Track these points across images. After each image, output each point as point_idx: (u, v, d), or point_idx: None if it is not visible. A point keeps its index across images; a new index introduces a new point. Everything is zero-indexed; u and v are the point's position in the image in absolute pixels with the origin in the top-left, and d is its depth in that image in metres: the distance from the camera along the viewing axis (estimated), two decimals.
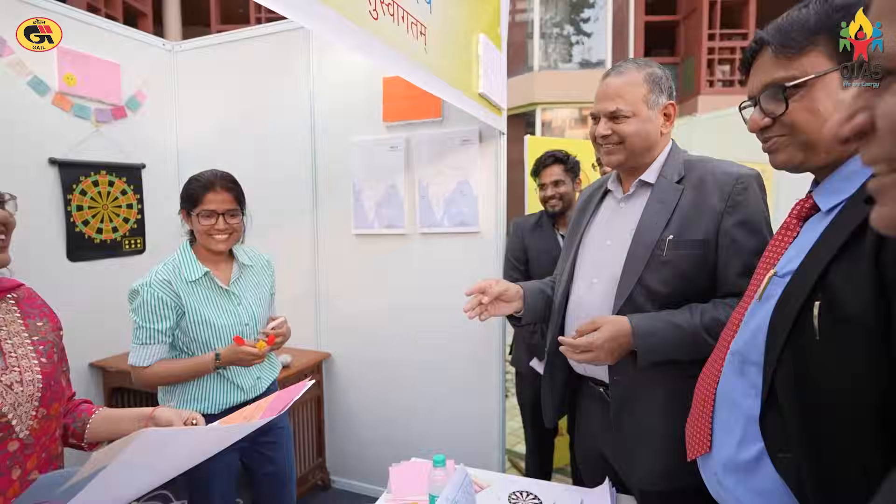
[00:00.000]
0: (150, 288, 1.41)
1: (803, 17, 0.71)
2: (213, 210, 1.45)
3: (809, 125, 0.72)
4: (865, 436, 0.62)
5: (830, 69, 0.69)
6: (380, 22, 1.10)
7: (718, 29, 9.91)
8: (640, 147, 1.18)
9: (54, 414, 0.92)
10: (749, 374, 0.77)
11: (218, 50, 2.64)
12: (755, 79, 0.78)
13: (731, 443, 0.78)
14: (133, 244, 2.56)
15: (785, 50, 0.72)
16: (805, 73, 0.71)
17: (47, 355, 0.93)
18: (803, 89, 0.72)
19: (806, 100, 0.72)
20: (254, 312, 1.57)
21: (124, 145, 2.48)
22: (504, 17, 1.93)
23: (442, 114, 2.15)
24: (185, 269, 1.47)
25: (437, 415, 2.30)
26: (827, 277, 0.65)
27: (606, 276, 1.19)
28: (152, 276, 1.43)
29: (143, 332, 1.41)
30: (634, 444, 1.16)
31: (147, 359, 1.42)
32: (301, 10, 0.88)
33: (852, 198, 0.68)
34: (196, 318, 1.45)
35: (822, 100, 0.70)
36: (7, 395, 0.84)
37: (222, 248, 1.50)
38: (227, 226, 1.48)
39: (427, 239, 2.25)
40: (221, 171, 1.52)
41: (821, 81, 0.70)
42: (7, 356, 0.87)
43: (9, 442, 0.84)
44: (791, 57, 0.72)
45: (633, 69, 1.19)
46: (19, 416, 0.85)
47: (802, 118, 0.72)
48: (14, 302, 0.93)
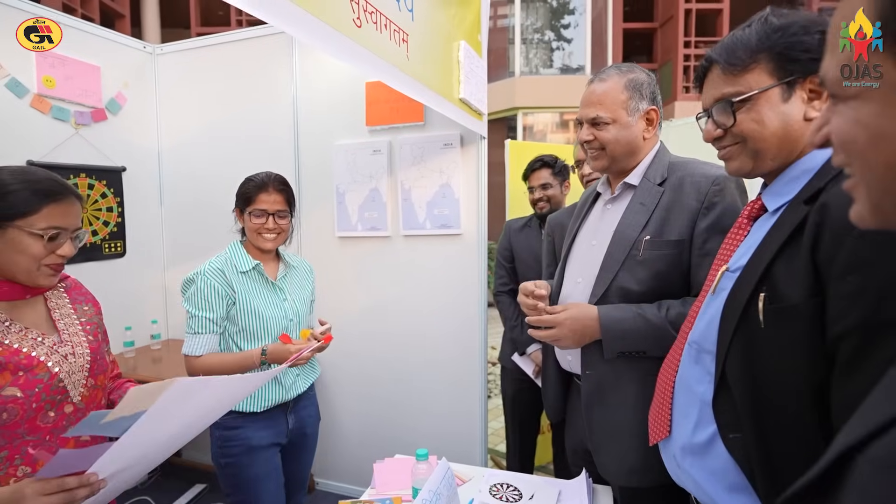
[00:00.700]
0: (204, 276, 1.47)
1: (746, 37, 0.78)
2: (264, 210, 1.53)
3: (756, 134, 0.79)
4: (805, 417, 0.68)
5: (771, 85, 0.76)
6: (363, 29, 1.13)
7: (694, 37, 10.17)
8: (620, 152, 1.22)
9: (100, 385, 1.10)
10: (704, 361, 0.83)
11: (200, 53, 2.64)
12: (707, 93, 0.85)
13: (688, 426, 0.84)
14: (113, 247, 2.54)
15: (731, 68, 0.79)
16: (750, 88, 0.78)
17: (93, 334, 1.11)
18: (749, 103, 0.79)
19: (752, 112, 0.79)
20: (297, 310, 1.63)
21: (104, 148, 2.47)
22: (484, 24, 1.99)
23: (424, 118, 2.19)
24: (236, 260, 1.54)
25: (420, 415, 2.33)
26: (770, 271, 0.72)
27: (589, 275, 1.24)
28: (206, 266, 1.50)
29: (196, 321, 1.46)
30: (605, 438, 1.20)
31: (199, 348, 1.47)
32: (285, 18, 0.91)
33: (794, 199, 0.75)
34: (246, 307, 1.50)
35: (767, 112, 0.78)
36: (63, 365, 1.01)
37: (270, 247, 1.56)
38: (277, 226, 1.55)
39: (410, 241, 2.28)
40: (275, 174, 1.60)
41: (764, 96, 0.78)
42: (62, 333, 1.05)
43: (65, 404, 1.01)
44: (737, 74, 0.79)
45: (615, 75, 1.22)
46: (73, 383, 1.02)
47: (750, 128, 0.79)
48: (64, 290, 1.12)
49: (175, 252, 2.79)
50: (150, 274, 2.75)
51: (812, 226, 0.67)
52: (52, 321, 1.05)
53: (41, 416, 0.97)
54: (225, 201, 2.63)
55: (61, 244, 1.00)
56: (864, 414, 0.38)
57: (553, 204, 2.16)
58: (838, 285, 0.63)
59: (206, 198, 2.68)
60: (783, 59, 0.75)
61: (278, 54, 2.45)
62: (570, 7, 10.24)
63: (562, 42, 10.33)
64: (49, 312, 1.06)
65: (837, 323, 0.63)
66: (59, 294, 1.11)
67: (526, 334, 2.06)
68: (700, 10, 10.16)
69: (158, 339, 2.68)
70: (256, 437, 1.52)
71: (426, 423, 2.32)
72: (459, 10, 1.74)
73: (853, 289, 0.62)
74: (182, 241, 2.77)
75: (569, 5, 10.25)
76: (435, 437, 2.28)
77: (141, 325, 2.64)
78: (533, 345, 2.07)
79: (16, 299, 1.00)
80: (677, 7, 10.04)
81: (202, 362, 1.47)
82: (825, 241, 0.65)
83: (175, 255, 2.79)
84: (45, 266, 0.99)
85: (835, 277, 0.64)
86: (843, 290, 0.63)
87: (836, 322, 0.64)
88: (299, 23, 0.94)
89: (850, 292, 0.62)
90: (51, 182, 1.00)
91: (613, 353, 1.15)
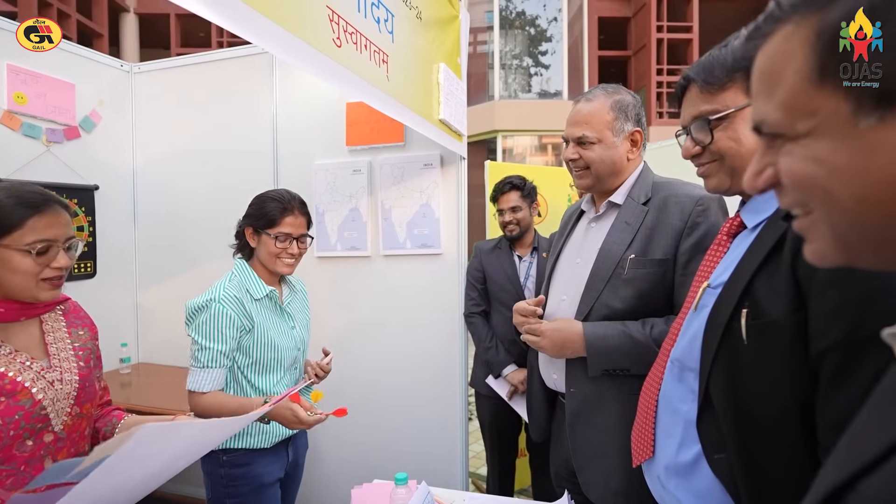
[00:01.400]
0: (219, 304, 1.34)
1: (722, 56, 0.80)
2: (288, 234, 1.42)
3: (733, 151, 0.80)
4: (790, 435, 0.67)
5: (747, 103, 0.78)
6: (343, 49, 1.14)
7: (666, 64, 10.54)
8: (605, 172, 1.23)
9: (86, 413, 1.05)
10: (687, 379, 0.83)
11: (178, 72, 2.63)
12: (685, 111, 0.86)
13: (672, 446, 0.83)
14: (83, 268, 2.46)
15: (708, 86, 0.81)
16: (726, 106, 0.80)
17: (85, 360, 1.07)
18: (726, 121, 0.80)
19: (729, 130, 0.80)
20: (303, 337, 1.56)
21: (77, 166, 2.41)
22: (464, 48, 2.03)
23: (404, 138, 2.20)
24: (251, 286, 1.43)
25: (399, 437, 2.28)
26: (752, 287, 0.72)
27: (573, 293, 1.24)
28: (220, 292, 1.36)
29: (205, 353, 1.33)
30: (590, 457, 1.19)
31: (207, 384, 1.35)
32: (266, 36, 0.91)
33: (772, 216, 0.76)
34: (263, 338, 1.41)
35: (743, 129, 0.79)
36: (48, 391, 0.96)
37: (287, 272, 1.47)
38: (298, 251, 1.46)
39: (390, 261, 2.27)
40: (295, 193, 1.50)
41: (740, 114, 0.79)
42: (52, 358, 1.01)
43: (45, 433, 0.96)
44: (713, 92, 0.81)
45: (601, 96, 1.24)
46: (57, 411, 0.97)
47: (727, 146, 0.81)
48: (62, 313, 1.08)
49: (149, 273, 2.72)
50: (120, 295, 2.66)
51: (791, 241, 0.67)
52: (44, 345, 1.02)
53: (18, 444, 0.92)
54: (201, 222, 2.61)
55: (53, 257, 0.95)
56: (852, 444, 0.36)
57: (522, 227, 2.16)
58: (818, 301, 0.63)
59: (181, 218, 2.63)
60: None
61: (258, 74, 2.45)
62: (547, 35, 10.55)
63: (539, 68, 10.61)
64: (43, 335, 1.02)
65: (819, 339, 0.63)
66: (56, 317, 1.07)
67: (500, 356, 2.06)
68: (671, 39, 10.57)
69: (128, 362, 2.59)
70: (266, 473, 1.44)
71: (405, 446, 2.27)
72: (439, 34, 1.78)
73: (833, 304, 0.62)
74: (156, 261, 2.70)
75: (546, 33, 10.56)
76: (414, 461, 2.23)
77: (110, 349, 2.55)
78: (508, 366, 2.05)
79: (10, 321, 0.96)
80: (649, 36, 10.43)
81: (205, 401, 1.35)
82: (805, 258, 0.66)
83: (148, 276, 2.72)
84: (43, 281, 0.95)
85: (815, 293, 0.64)
86: (823, 306, 0.63)
87: (817, 338, 0.63)
88: (279, 42, 0.95)
89: (829, 308, 0.62)
90: (31, 194, 0.95)
91: (598, 371, 1.15)
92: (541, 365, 1.34)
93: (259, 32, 0.89)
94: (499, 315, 2.12)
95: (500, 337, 2.11)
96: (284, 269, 1.46)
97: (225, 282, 1.41)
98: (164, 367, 2.67)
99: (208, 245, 2.57)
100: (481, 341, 2.11)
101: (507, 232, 2.16)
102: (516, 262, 2.17)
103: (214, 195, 2.55)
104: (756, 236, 0.77)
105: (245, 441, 1.42)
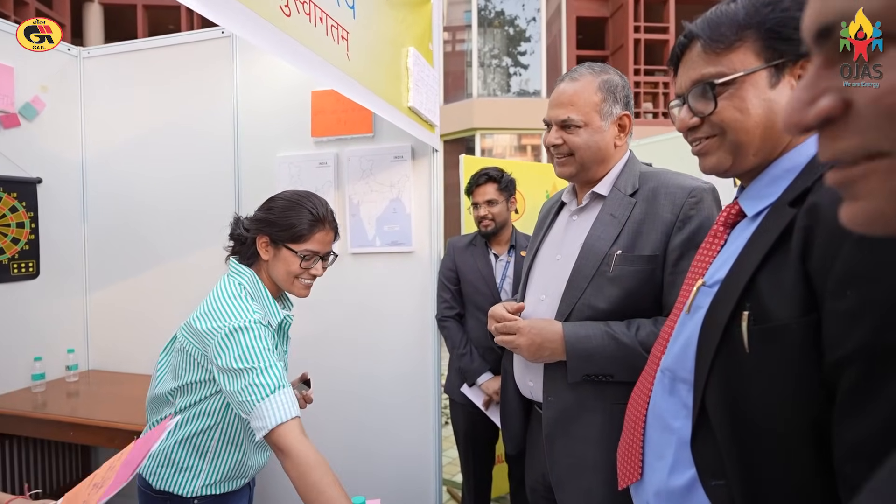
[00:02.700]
0: (256, 326, 1.08)
1: (732, 11, 0.68)
2: (316, 252, 1.19)
3: (738, 125, 0.68)
4: (801, 461, 0.57)
5: (759, 67, 0.67)
6: (292, 19, 1.01)
7: (643, 65, 10.62)
8: (590, 159, 1.12)
9: None
10: (679, 392, 0.72)
11: (131, 57, 2.45)
12: (684, 75, 0.74)
13: (663, 469, 0.72)
14: (24, 268, 2.26)
15: (714, 45, 0.69)
16: (734, 69, 0.68)
17: None
18: (732, 87, 0.68)
19: (735, 98, 0.68)
20: (286, 363, 1.33)
21: (16, 157, 2.22)
22: (437, 34, 1.91)
23: (374, 129, 2.07)
24: (269, 308, 1.19)
25: (369, 446, 2.15)
26: (754, 285, 0.61)
27: (553, 292, 1.13)
28: (251, 315, 1.10)
29: (269, 375, 1.04)
30: (568, 473, 1.09)
31: (290, 406, 1.05)
32: (208, 4, 0.78)
33: (777, 202, 0.66)
34: None
35: (751, 98, 0.67)
36: None
37: (304, 296, 1.22)
38: (322, 271, 1.22)
39: (358, 259, 2.13)
40: (323, 199, 1.24)
41: (750, 79, 0.67)
42: None
43: None
44: (720, 52, 0.69)
45: (587, 75, 1.13)
46: None
47: (731, 117, 0.69)
48: None
49: (99, 272, 2.52)
50: (67, 298, 2.46)
51: (801, 230, 0.57)
52: None
53: None
54: (157, 216, 2.43)
55: None
56: None
57: (498, 222, 2.04)
58: (835, 301, 0.53)
59: (135, 213, 2.44)
60: (773, 38, 0.65)
61: (217, 60, 2.29)
62: (525, 34, 10.53)
63: (518, 67, 10.57)
64: None
65: (836, 347, 0.52)
66: None
67: (475, 363, 1.94)
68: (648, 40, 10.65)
69: (75, 370, 2.39)
70: None
71: (376, 455, 2.14)
72: (408, 15, 1.65)
73: (853, 305, 0.51)
74: (107, 260, 2.51)
75: (525, 33, 10.53)
76: (386, 472, 2.11)
77: (54, 355, 2.35)
78: (483, 374, 1.93)
79: None
80: (627, 37, 10.49)
81: (301, 438, 1.05)
82: (818, 247, 0.55)
83: (99, 276, 2.52)
84: None
85: (831, 291, 0.53)
86: (841, 307, 0.52)
87: (834, 346, 0.53)
88: (220, 7, 0.82)
89: (849, 309, 0.51)
90: None
91: (578, 376, 1.05)
92: (516, 372, 1.23)
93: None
94: (474, 319, 2.00)
95: (476, 342, 2.00)
96: (301, 292, 1.22)
97: (241, 302, 1.13)
98: (117, 374, 2.49)
99: (165, 241, 2.40)
100: (455, 347, 1.99)
101: (482, 227, 2.04)
102: (492, 261, 2.05)
103: (171, 188, 2.38)
104: (758, 226, 0.67)
105: (224, 486, 1.23)
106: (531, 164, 3.70)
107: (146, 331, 2.45)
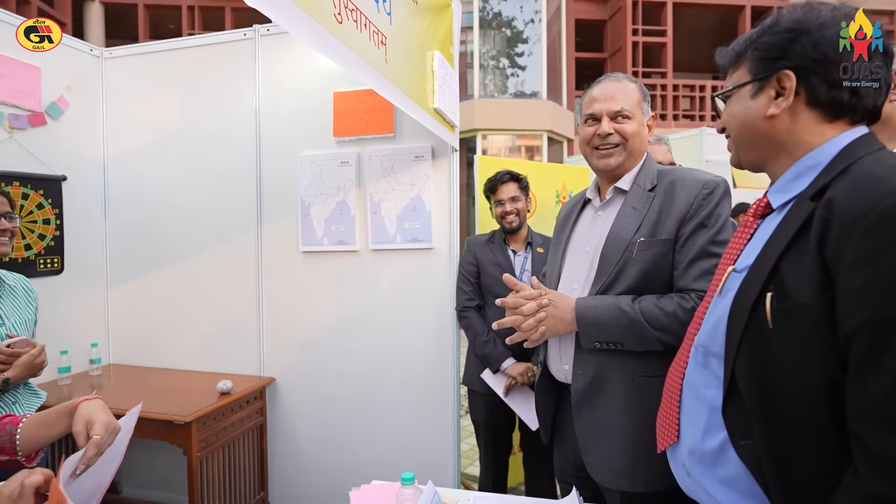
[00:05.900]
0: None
1: (748, 34, 0.82)
2: None
3: (730, 127, 0.84)
4: (819, 421, 0.66)
5: (746, 81, 0.81)
6: (344, 26, 1.08)
7: (641, 67, 10.74)
8: (637, 149, 1.24)
9: None
10: (711, 365, 0.81)
11: (153, 58, 2.50)
12: None
13: (697, 432, 0.81)
14: (49, 263, 2.32)
15: (725, 66, 0.86)
16: (732, 83, 0.83)
17: None
18: (731, 97, 0.83)
19: (729, 105, 0.84)
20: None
21: (42, 155, 2.27)
22: (456, 37, 1.98)
23: (394, 129, 2.14)
24: None
25: (388, 438, 2.22)
26: (778, 270, 0.70)
27: (584, 281, 1.24)
28: None
29: None
30: (593, 437, 1.19)
31: None
32: (269, 4, 0.85)
33: (800, 196, 0.74)
34: None
35: (736, 106, 0.82)
36: None
37: (4, 252, 1.46)
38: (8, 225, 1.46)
39: (379, 255, 2.20)
40: None
41: (739, 92, 0.82)
42: None
43: None
44: (730, 70, 0.84)
45: (624, 79, 1.27)
46: None
47: (725, 121, 0.85)
48: None
49: (120, 268, 2.58)
50: (90, 293, 2.52)
51: (819, 221, 0.66)
52: None
53: None
54: (178, 214, 2.48)
55: None
56: None
57: (522, 218, 2.12)
58: (846, 281, 0.62)
59: (155, 211, 2.50)
60: (757, 59, 0.79)
61: (239, 61, 2.35)
62: (524, 36, 10.61)
63: (516, 69, 10.65)
64: None
65: (847, 320, 0.62)
66: None
67: (498, 349, 2.00)
68: (646, 42, 10.78)
69: (99, 363, 2.45)
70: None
71: (396, 446, 2.21)
72: (434, 20, 1.73)
73: (861, 283, 0.60)
74: (128, 256, 2.56)
75: (523, 34, 10.61)
76: (405, 462, 2.18)
77: (79, 349, 2.41)
78: (507, 360, 2.00)
79: None
80: (625, 39, 10.61)
81: None
82: (833, 235, 0.64)
83: (120, 272, 2.58)
84: None
85: (843, 273, 0.62)
86: (851, 286, 0.62)
87: (845, 319, 0.62)
88: (282, 10, 0.89)
89: (858, 288, 0.61)
90: None
91: (590, 343, 1.16)
92: (551, 360, 1.32)
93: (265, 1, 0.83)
94: (493, 309, 2.07)
95: (496, 332, 2.07)
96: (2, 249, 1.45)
97: None
98: (138, 367, 2.54)
99: (185, 239, 2.46)
100: (477, 335, 2.05)
101: (507, 223, 2.11)
102: (511, 257, 2.13)
103: (191, 187, 2.44)
104: (783, 217, 0.76)
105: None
106: (543, 164, 3.78)
107: (165, 326, 2.51)
